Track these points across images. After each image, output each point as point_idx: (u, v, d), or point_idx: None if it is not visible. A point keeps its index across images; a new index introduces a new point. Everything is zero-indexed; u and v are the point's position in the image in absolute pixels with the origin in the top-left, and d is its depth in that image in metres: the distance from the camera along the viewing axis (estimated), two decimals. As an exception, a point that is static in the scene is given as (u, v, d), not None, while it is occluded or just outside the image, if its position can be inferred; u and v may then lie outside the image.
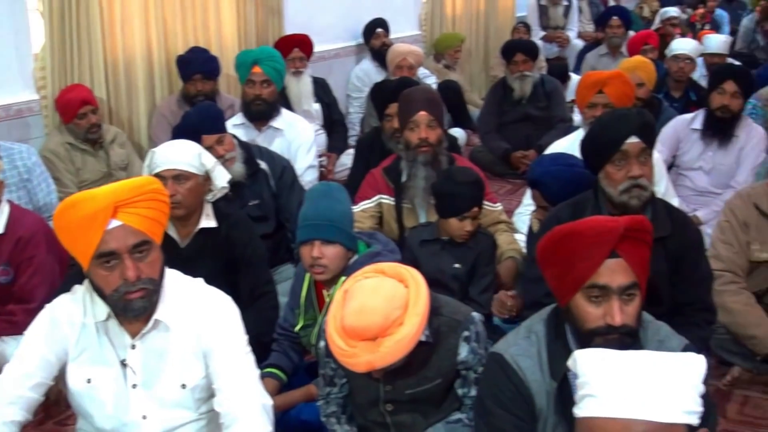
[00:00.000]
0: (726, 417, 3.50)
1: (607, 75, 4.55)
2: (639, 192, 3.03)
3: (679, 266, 3.17)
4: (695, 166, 5.23)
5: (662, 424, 1.51)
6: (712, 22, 12.02)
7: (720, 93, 4.93)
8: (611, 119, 3.08)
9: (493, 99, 6.93)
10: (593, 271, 2.20)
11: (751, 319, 3.59)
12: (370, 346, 2.40)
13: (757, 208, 3.65)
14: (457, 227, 3.68)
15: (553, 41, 9.74)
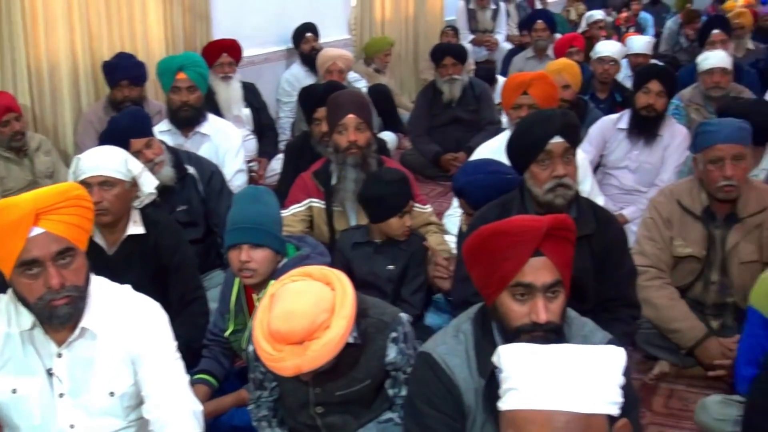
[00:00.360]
0: (652, 410, 3.58)
1: (531, 76, 4.61)
2: (563, 191, 3.08)
3: (604, 263, 3.22)
4: (621, 165, 5.32)
5: (583, 415, 1.54)
6: (636, 25, 12.27)
7: (645, 93, 5.04)
8: (535, 120, 3.13)
9: (423, 102, 6.97)
10: (518, 270, 2.23)
11: (675, 313, 3.67)
12: (297, 350, 2.40)
13: (679, 204, 3.73)
14: (399, 225, 3.69)
15: (482, 45, 9.83)
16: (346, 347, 2.58)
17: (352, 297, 2.50)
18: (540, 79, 4.57)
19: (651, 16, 12.86)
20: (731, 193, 3.57)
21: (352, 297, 2.50)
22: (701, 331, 3.64)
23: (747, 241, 3.65)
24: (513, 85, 4.59)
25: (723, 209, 3.67)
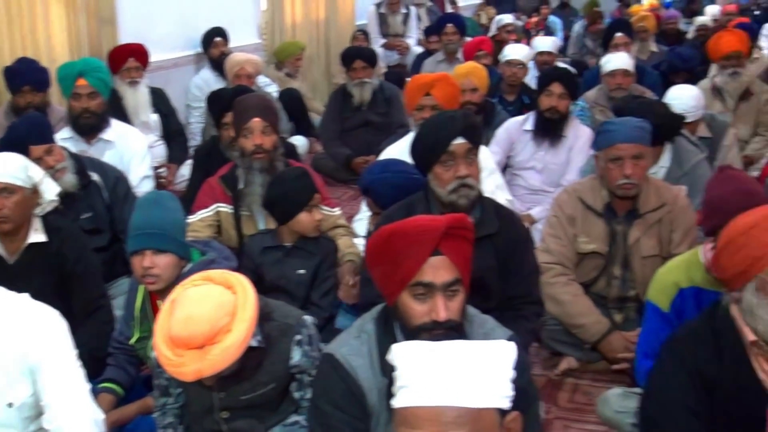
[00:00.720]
0: (557, 405, 3.65)
1: (433, 78, 4.66)
2: (467, 191, 3.13)
3: (508, 262, 3.28)
4: (528, 165, 5.41)
5: (472, 409, 1.56)
6: (546, 29, 12.46)
7: (548, 95, 5.14)
8: (437, 121, 3.16)
9: (334, 106, 6.98)
10: (417, 269, 2.25)
11: (579, 308, 3.75)
12: (198, 354, 2.38)
13: (582, 202, 3.81)
14: (309, 220, 3.69)
15: (394, 48, 9.88)
16: (250, 351, 2.58)
17: (254, 300, 2.50)
18: (442, 80, 4.62)
19: (560, 20, 13.09)
20: (630, 191, 3.66)
21: (254, 300, 2.50)
22: (605, 325, 3.73)
23: (647, 236, 3.75)
24: (416, 86, 4.63)
25: (624, 206, 3.76)
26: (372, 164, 4.12)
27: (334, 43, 9.59)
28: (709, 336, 2.49)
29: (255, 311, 2.48)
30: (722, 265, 2.47)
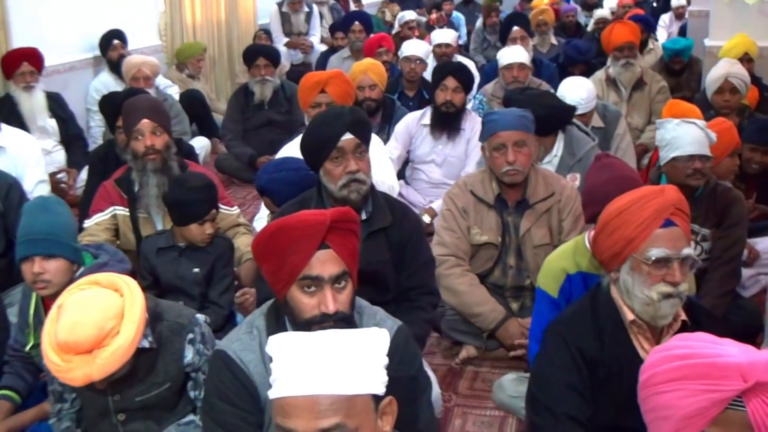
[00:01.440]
0: (457, 393, 3.73)
1: (327, 75, 4.70)
2: (358, 186, 3.16)
3: (402, 254, 3.33)
4: (428, 159, 5.50)
5: (346, 396, 1.60)
6: (449, 24, 12.56)
7: (442, 89, 5.23)
8: (326, 118, 3.19)
9: (235, 105, 6.95)
10: (305, 263, 2.27)
11: (475, 298, 3.83)
12: (86, 359, 2.39)
13: (473, 194, 3.89)
14: (198, 232, 3.69)
15: (297, 47, 9.88)
16: (143, 352, 2.59)
17: (141, 302, 2.50)
18: (336, 77, 4.66)
19: (463, 16, 13.25)
20: (516, 177, 3.75)
21: (141, 302, 2.50)
22: (501, 313, 3.82)
23: (538, 225, 3.85)
24: (310, 84, 4.66)
25: (514, 196, 3.85)
26: (267, 163, 4.13)
27: (237, 43, 9.55)
28: (589, 317, 2.59)
29: (143, 313, 2.49)
30: (599, 248, 2.57)
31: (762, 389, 1.57)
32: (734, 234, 3.82)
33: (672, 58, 7.44)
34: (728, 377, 1.59)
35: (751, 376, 1.57)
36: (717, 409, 1.59)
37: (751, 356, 1.60)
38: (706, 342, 1.69)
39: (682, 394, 1.64)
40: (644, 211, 2.45)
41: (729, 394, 1.58)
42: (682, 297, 2.46)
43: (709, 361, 1.62)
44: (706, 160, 3.72)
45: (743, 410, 1.58)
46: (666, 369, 1.68)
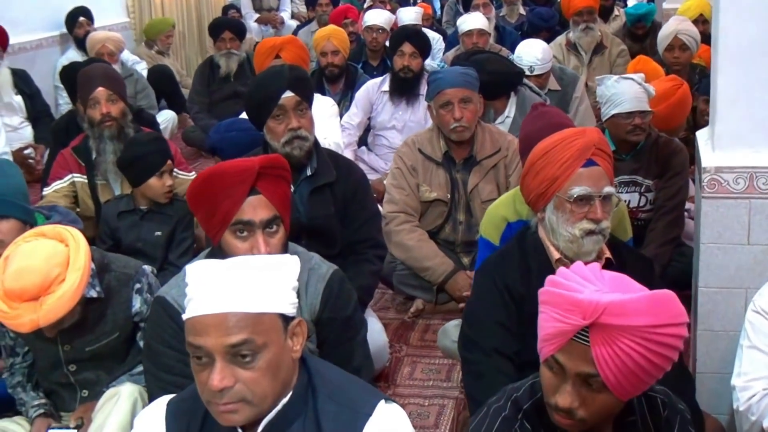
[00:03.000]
0: (408, 344, 3.83)
1: (282, 41, 4.79)
2: (300, 142, 3.24)
3: (348, 208, 3.43)
4: (389, 125, 5.59)
5: (253, 314, 1.69)
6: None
7: (399, 56, 5.32)
8: (266, 76, 3.28)
9: (201, 78, 7.00)
10: (237, 209, 2.36)
11: (424, 252, 3.92)
12: (33, 305, 2.47)
13: (421, 152, 3.99)
14: (159, 185, 3.76)
15: (268, 23, 9.92)
16: (91, 302, 2.68)
17: (86, 250, 2.59)
18: (290, 42, 4.75)
19: (437, -10, 13.28)
20: (463, 134, 3.84)
21: (86, 250, 2.59)
22: (450, 266, 3.91)
23: (486, 181, 3.95)
24: (265, 50, 4.74)
25: (461, 153, 3.95)
26: (219, 123, 4.21)
27: (207, 18, 9.59)
28: (517, 256, 2.67)
29: (88, 261, 2.57)
30: (527, 188, 2.66)
31: (602, 329, 1.67)
32: (676, 183, 3.92)
33: (634, 24, 7.50)
34: (572, 312, 1.69)
35: (590, 316, 1.67)
36: (564, 338, 1.70)
37: (599, 297, 1.69)
38: (576, 276, 1.78)
39: (543, 317, 1.78)
40: (567, 151, 2.53)
41: (570, 327, 1.69)
42: (605, 234, 2.55)
43: (564, 294, 1.73)
44: (645, 116, 3.81)
45: (587, 344, 1.68)
46: (540, 293, 1.81)
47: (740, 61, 2.68)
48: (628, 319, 1.66)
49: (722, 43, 2.70)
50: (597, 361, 1.68)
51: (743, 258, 2.75)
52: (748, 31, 2.65)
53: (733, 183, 2.72)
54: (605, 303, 1.67)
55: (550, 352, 1.74)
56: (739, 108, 2.70)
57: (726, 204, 2.73)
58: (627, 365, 1.66)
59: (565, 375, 1.73)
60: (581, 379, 1.72)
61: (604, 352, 1.67)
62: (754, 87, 2.68)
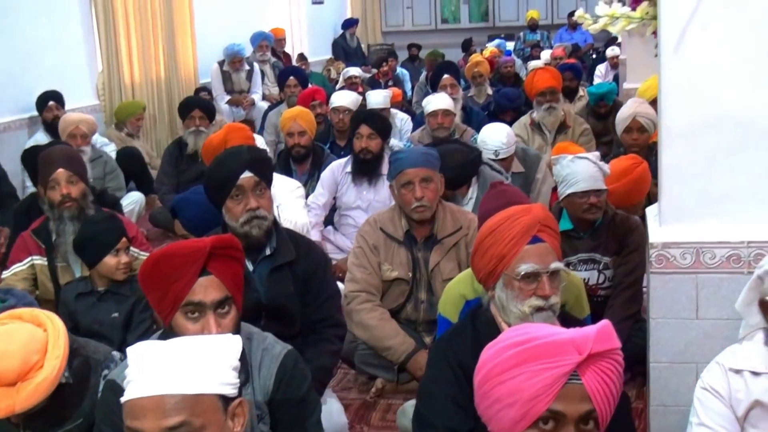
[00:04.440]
0: (369, 425, 3.80)
1: (224, 133, 4.89)
2: (259, 222, 3.27)
3: (307, 287, 3.44)
4: (354, 205, 5.63)
5: (191, 396, 1.69)
6: (395, 79, 12.82)
7: (358, 138, 5.41)
8: (225, 157, 3.32)
9: (169, 158, 7.03)
10: (188, 290, 2.37)
11: (386, 332, 3.92)
12: (9, 391, 2.43)
13: (383, 231, 4.01)
14: (114, 263, 3.76)
15: (238, 105, 10.04)
16: (59, 387, 2.64)
17: (65, 337, 2.57)
18: (234, 131, 4.87)
19: (408, 72, 13.53)
20: (424, 213, 3.88)
21: (65, 337, 2.57)
22: (411, 345, 3.91)
23: (447, 260, 3.97)
24: (213, 147, 4.78)
25: (422, 232, 3.98)
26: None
27: (177, 101, 9.63)
28: (470, 334, 2.69)
29: (66, 348, 2.55)
30: (477, 267, 2.69)
31: (593, 360, 1.69)
32: (634, 260, 3.96)
33: (597, 103, 7.66)
34: (565, 352, 1.69)
35: (585, 348, 1.68)
36: (559, 384, 1.69)
37: (581, 332, 1.72)
38: (536, 327, 1.80)
39: (525, 377, 1.73)
40: (512, 229, 2.57)
41: (568, 368, 1.68)
42: (555, 309, 2.57)
43: (546, 341, 1.73)
44: (600, 194, 3.88)
45: (580, 383, 1.69)
46: (504, 359, 1.77)
47: (684, 139, 2.76)
48: (609, 343, 1.71)
49: (666, 121, 2.78)
50: (592, 395, 1.69)
51: (692, 333, 2.79)
52: (690, 110, 2.73)
53: (680, 258, 2.77)
54: (594, 332, 1.70)
55: (543, 408, 1.70)
56: (683, 184, 2.77)
57: (674, 279, 2.78)
58: (612, 390, 1.71)
59: (565, 422, 1.71)
60: (581, 420, 1.72)
61: (596, 383, 1.70)
62: (697, 164, 2.75)
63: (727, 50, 2.71)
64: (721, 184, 2.74)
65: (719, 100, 2.72)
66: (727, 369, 2.38)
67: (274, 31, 11.94)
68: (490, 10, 17.50)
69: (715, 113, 2.73)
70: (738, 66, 2.73)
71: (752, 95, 2.71)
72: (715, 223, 2.74)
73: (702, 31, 2.71)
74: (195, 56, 10.12)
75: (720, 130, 2.73)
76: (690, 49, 2.72)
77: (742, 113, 2.71)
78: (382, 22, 17.77)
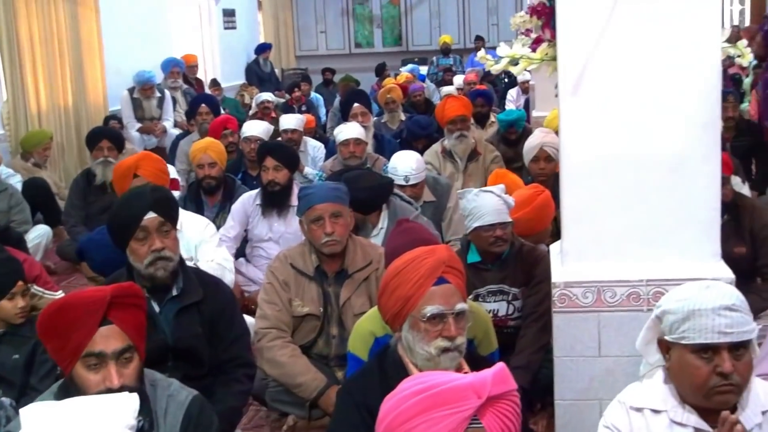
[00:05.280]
0: (284, 461, 3.77)
1: (136, 158, 4.82)
2: (164, 263, 3.24)
3: (216, 327, 3.40)
4: (265, 237, 5.59)
5: None
6: (308, 104, 12.81)
7: (264, 171, 5.41)
8: (128, 198, 3.27)
9: (77, 190, 6.91)
10: (87, 340, 2.33)
11: (297, 368, 3.88)
12: None
13: (293, 267, 3.99)
14: (11, 308, 3.66)
15: (150, 133, 9.91)
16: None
17: None
18: (145, 158, 4.79)
19: (322, 97, 13.55)
20: (334, 248, 3.87)
21: None
22: (322, 381, 3.88)
23: (357, 294, 3.97)
24: (122, 171, 4.73)
25: (333, 267, 3.97)
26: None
27: (86, 129, 9.45)
28: (377, 375, 2.69)
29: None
30: (383, 308, 2.70)
31: (492, 403, 1.73)
32: (542, 290, 4.00)
33: (507, 129, 7.75)
34: (465, 397, 1.73)
35: (483, 392, 1.72)
36: (461, 429, 1.73)
37: (478, 376, 1.75)
38: (434, 375, 1.82)
39: (429, 424, 1.75)
40: (418, 270, 2.59)
41: (468, 412, 1.73)
42: (461, 350, 2.60)
43: (446, 387, 1.75)
44: (506, 227, 3.93)
45: (481, 425, 1.71)
46: (405, 408, 1.79)
47: (583, 179, 2.82)
48: (506, 385, 1.76)
49: (567, 162, 2.83)
50: None
51: (595, 370, 2.84)
52: (588, 151, 2.79)
53: (582, 297, 2.82)
54: (490, 375, 1.72)
55: None
56: (584, 224, 2.83)
57: (576, 318, 2.83)
58: (511, 430, 1.76)
59: None
60: None
61: (496, 425, 1.74)
62: (597, 204, 2.82)
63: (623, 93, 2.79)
64: (619, 223, 2.81)
65: (615, 141, 2.79)
66: (628, 407, 2.43)
67: (185, 58, 11.81)
68: (403, 34, 17.65)
69: (611, 154, 2.80)
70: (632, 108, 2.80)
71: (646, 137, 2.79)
72: (614, 262, 2.81)
73: (599, 74, 2.78)
74: (104, 83, 9.96)
75: (617, 170, 2.80)
76: (587, 91, 2.79)
77: (637, 154, 2.79)
78: (296, 47, 17.78)
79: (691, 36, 2.77)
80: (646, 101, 2.79)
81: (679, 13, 2.77)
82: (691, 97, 2.78)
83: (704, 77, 2.78)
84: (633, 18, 2.78)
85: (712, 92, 2.76)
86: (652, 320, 2.40)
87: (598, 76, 2.79)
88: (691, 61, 2.79)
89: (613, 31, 2.79)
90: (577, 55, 2.79)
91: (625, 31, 2.79)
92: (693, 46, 2.77)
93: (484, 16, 17.06)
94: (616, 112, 2.80)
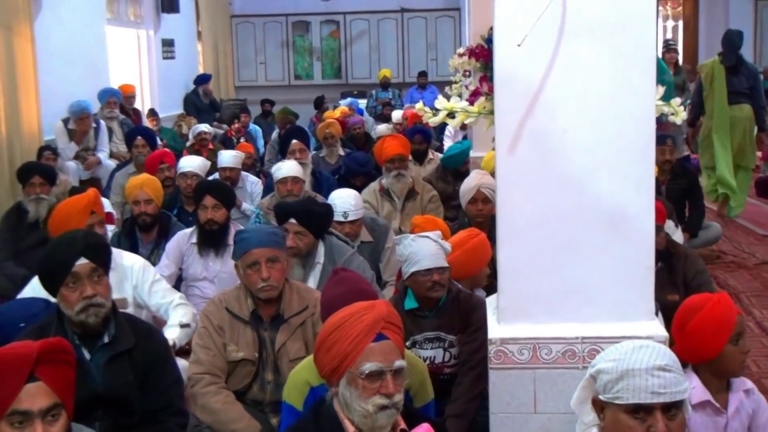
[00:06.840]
0: None
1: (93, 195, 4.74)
2: (96, 310, 3.18)
3: (148, 375, 3.35)
4: (200, 277, 5.52)
5: None
6: (247, 135, 12.75)
7: (202, 209, 5.36)
8: (58, 243, 3.21)
9: (7, 225, 6.76)
10: (13, 398, 2.27)
11: (231, 415, 3.82)
12: None
13: (229, 311, 3.94)
14: None
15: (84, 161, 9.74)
16: None
17: None
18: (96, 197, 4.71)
19: (261, 128, 13.50)
20: (271, 293, 3.84)
21: None
22: (256, 429, 3.83)
23: (293, 339, 3.93)
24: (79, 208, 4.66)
25: (269, 311, 3.93)
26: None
27: (20, 160, 9.25)
28: (312, 430, 2.66)
29: None
30: (320, 363, 2.68)
31: None
32: (479, 338, 4.00)
33: (461, 163, 7.81)
34: None
35: None
36: None
37: None
38: None
39: None
40: (357, 326, 2.58)
41: None
42: (398, 407, 2.59)
43: None
44: (443, 271, 3.93)
45: None
46: None
47: (520, 237, 2.84)
48: None
49: (503, 218, 2.85)
50: None
51: (532, 427, 2.85)
52: (523, 208, 2.81)
53: (518, 354, 2.83)
54: None
55: None
56: (520, 281, 2.84)
57: (512, 374, 2.84)
58: None
59: None
60: None
61: None
62: (533, 261, 2.83)
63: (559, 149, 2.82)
64: (555, 280, 2.83)
65: (552, 197, 2.82)
66: None
67: (123, 88, 11.65)
68: (342, 67, 17.69)
69: (546, 211, 2.83)
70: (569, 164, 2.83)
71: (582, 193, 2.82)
72: (550, 319, 2.83)
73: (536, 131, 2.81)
74: (39, 113, 9.75)
75: (553, 227, 2.83)
76: (524, 147, 2.81)
77: (571, 211, 2.82)
78: (235, 77, 17.70)
79: (627, 94, 2.81)
80: (582, 158, 2.82)
81: (615, 72, 2.81)
82: (626, 154, 2.82)
83: (639, 134, 2.82)
84: (569, 76, 2.81)
85: (646, 150, 2.81)
86: (587, 379, 2.41)
87: (536, 132, 2.82)
88: (626, 118, 2.83)
89: (551, 88, 2.82)
90: (513, 111, 2.82)
91: (562, 89, 2.83)
92: (628, 104, 2.81)
93: (424, 51, 17.19)
94: (553, 168, 2.82)
